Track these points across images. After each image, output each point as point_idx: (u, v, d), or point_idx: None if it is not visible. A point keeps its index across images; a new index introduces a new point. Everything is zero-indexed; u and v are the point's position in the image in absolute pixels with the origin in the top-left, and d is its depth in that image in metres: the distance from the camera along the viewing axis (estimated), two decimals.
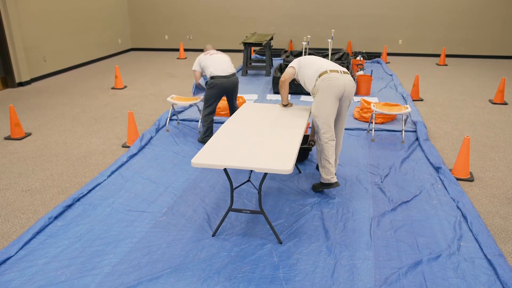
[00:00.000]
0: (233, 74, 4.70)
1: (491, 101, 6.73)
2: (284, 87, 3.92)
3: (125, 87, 7.89)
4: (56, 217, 3.37)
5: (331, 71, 3.59)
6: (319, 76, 3.60)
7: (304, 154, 4.40)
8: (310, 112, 4.07)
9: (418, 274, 2.71)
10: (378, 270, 2.75)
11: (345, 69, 3.69)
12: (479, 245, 2.99)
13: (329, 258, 2.87)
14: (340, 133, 3.90)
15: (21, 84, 7.95)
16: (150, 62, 10.50)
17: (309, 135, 4.60)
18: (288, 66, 3.88)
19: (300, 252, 2.94)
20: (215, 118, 5.81)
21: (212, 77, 4.62)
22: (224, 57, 4.76)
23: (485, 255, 2.87)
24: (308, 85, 3.73)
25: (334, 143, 3.67)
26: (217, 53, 4.78)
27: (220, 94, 4.71)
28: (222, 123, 5.58)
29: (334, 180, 3.68)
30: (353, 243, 3.04)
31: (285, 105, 4.14)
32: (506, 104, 6.59)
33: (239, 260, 2.85)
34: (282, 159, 2.88)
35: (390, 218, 3.36)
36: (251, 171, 3.34)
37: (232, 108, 5.02)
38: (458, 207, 3.50)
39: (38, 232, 3.16)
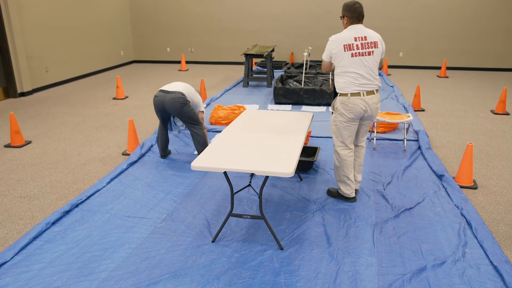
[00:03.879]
0: (174, 92, 4.33)
1: (492, 112, 6.71)
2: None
3: (127, 97, 7.90)
4: (53, 223, 3.32)
5: (352, 94, 3.37)
6: (339, 95, 3.46)
7: (308, 165, 4.32)
8: (312, 118, 4.05)
9: (422, 280, 2.64)
10: (381, 277, 2.68)
11: (371, 87, 3.39)
12: (485, 252, 2.92)
13: (331, 264, 2.81)
14: (361, 150, 3.72)
15: (23, 94, 7.96)
16: (152, 73, 10.54)
17: (312, 147, 4.54)
18: (323, 59, 3.55)
19: (301, 258, 2.88)
20: (215, 127, 5.78)
21: None
22: (180, 83, 4.55)
23: (491, 262, 2.80)
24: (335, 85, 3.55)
25: (352, 159, 3.59)
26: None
27: (158, 109, 4.47)
28: (221, 131, 5.55)
29: (353, 195, 3.65)
30: (356, 250, 2.98)
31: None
32: (508, 114, 6.57)
33: (239, 266, 2.79)
34: (283, 163, 2.84)
35: (393, 225, 3.30)
36: (252, 176, 3.30)
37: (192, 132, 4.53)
38: (462, 214, 3.44)
39: (35, 238, 3.11)
